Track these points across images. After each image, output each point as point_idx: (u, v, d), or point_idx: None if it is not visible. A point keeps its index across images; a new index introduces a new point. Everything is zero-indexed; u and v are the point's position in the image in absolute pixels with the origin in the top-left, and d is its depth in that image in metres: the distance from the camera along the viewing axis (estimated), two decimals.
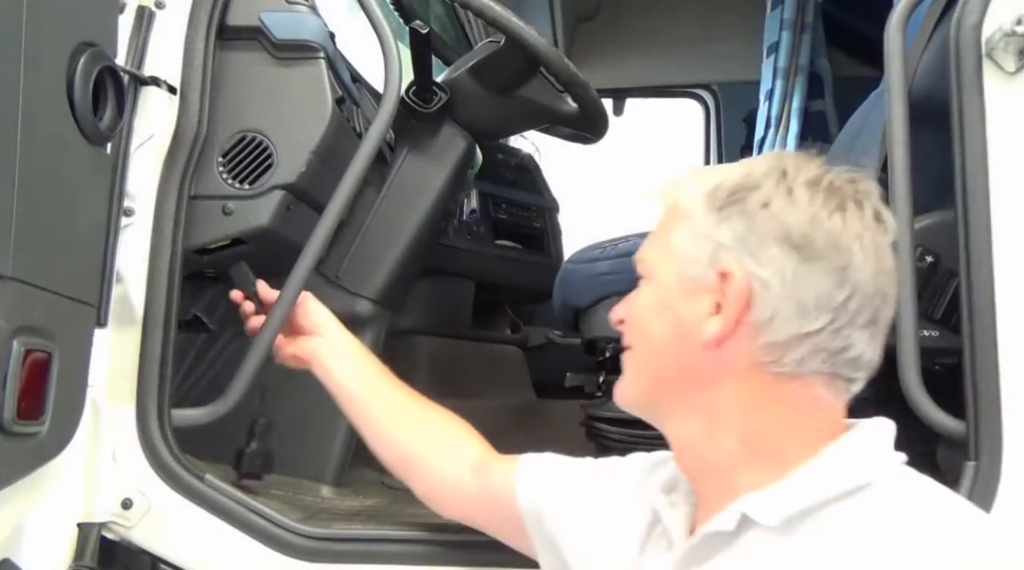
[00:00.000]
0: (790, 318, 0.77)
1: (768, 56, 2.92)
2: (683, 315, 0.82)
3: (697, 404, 0.82)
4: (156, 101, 1.29)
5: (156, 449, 1.29)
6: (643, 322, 0.86)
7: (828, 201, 0.79)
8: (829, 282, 0.77)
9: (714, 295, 0.80)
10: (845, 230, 0.78)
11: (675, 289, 0.83)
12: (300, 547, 1.29)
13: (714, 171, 0.84)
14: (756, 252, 0.78)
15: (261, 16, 1.45)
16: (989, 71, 1.25)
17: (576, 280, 1.96)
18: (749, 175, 0.81)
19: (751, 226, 0.79)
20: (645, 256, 0.88)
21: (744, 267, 0.78)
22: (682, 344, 0.82)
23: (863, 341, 0.79)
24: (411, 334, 2.05)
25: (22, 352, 0.92)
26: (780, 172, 0.80)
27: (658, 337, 0.84)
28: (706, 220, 0.81)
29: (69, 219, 1.03)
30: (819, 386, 0.80)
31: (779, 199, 0.79)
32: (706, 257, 0.80)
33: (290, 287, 1.37)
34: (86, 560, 1.22)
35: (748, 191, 0.80)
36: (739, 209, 0.79)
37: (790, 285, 0.77)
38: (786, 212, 0.78)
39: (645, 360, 0.86)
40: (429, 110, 1.69)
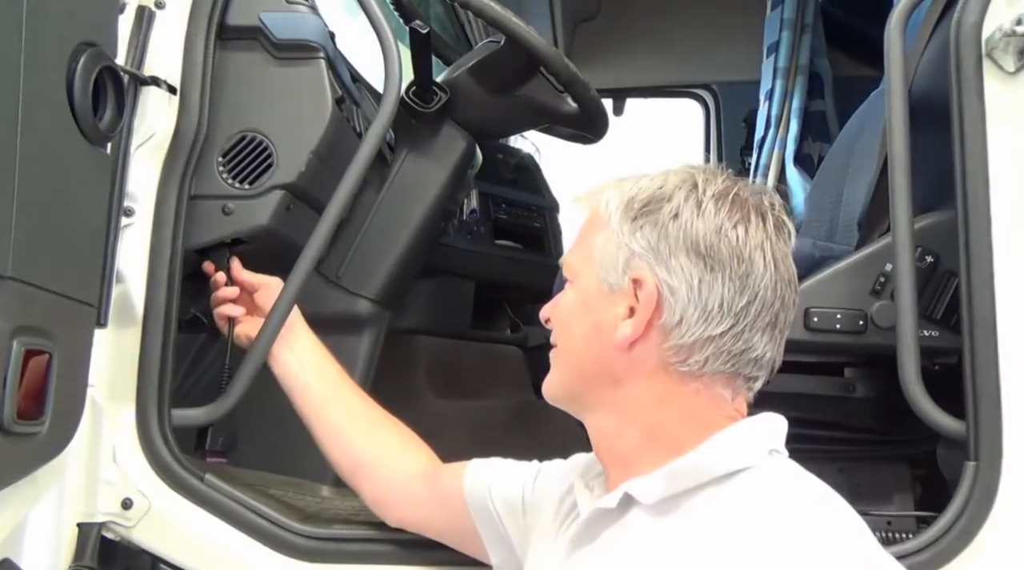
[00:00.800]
0: (696, 322, 0.83)
1: (768, 56, 2.92)
2: (600, 318, 0.88)
3: (610, 400, 0.89)
4: (156, 101, 1.29)
5: (156, 449, 1.29)
6: (566, 323, 0.93)
7: (733, 213, 0.84)
8: (732, 289, 0.83)
9: (628, 300, 0.86)
10: (748, 241, 0.84)
11: (594, 293, 0.89)
12: (300, 547, 1.29)
13: (633, 182, 0.89)
14: (666, 260, 0.84)
15: (261, 16, 1.45)
16: (989, 71, 1.25)
17: None
18: (663, 187, 0.87)
19: (662, 235, 0.84)
20: (569, 260, 0.94)
21: (655, 274, 0.84)
22: (599, 344, 0.88)
23: (763, 343, 0.86)
24: (411, 334, 2.05)
25: (22, 352, 0.92)
26: (691, 185, 0.86)
27: (578, 337, 0.91)
28: (621, 229, 0.87)
29: (69, 219, 1.03)
30: (720, 384, 0.86)
31: (688, 210, 0.84)
32: (621, 264, 0.86)
33: (290, 287, 1.37)
34: (86, 560, 1.22)
35: (661, 202, 0.86)
36: (652, 219, 0.85)
37: (696, 292, 0.83)
38: (694, 223, 0.84)
39: (567, 358, 0.93)
40: (429, 110, 1.69)
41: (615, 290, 0.87)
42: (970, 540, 1.22)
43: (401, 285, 1.77)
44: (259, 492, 1.37)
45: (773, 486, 0.80)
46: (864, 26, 2.85)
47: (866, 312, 1.37)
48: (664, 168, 0.91)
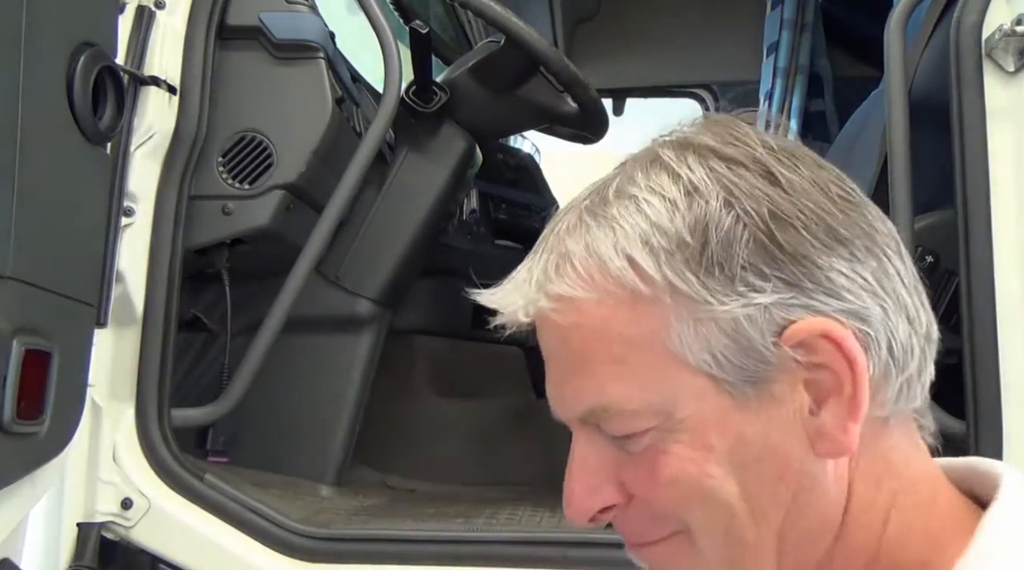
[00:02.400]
0: (907, 333, 0.52)
1: (768, 56, 2.92)
2: (769, 440, 0.51)
3: (818, 552, 0.53)
4: (156, 101, 1.29)
5: (156, 449, 1.29)
6: (707, 492, 0.51)
7: (799, 159, 0.53)
8: (892, 257, 0.53)
9: (797, 378, 0.50)
10: (845, 188, 0.54)
11: (729, 413, 0.50)
12: (300, 547, 1.29)
13: (629, 221, 0.52)
14: (821, 284, 0.50)
15: (261, 16, 1.45)
16: (989, 71, 1.25)
17: None
18: (695, 190, 0.51)
19: (784, 255, 0.50)
20: (628, 405, 0.51)
21: (823, 313, 0.50)
22: (786, 481, 0.51)
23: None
24: (411, 334, 2.05)
25: (22, 352, 0.92)
26: (729, 162, 0.52)
27: (743, 499, 0.51)
28: (715, 291, 0.50)
29: (69, 219, 1.03)
30: (906, 442, 0.54)
31: (775, 194, 0.51)
32: (759, 338, 0.49)
33: (290, 287, 1.37)
34: (86, 560, 1.22)
35: (730, 212, 0.50)
36: (746, 245, 0.50)
37: (883, 294, 0.51)
38: (803, 206, 0.51)
39: (731, 544, 0.52)
40: (429, 110, 1.69)
41: (766, 382, 0.50)
42: None
43: (401, 285, 1.77)
44: (258, 492, 1.37)
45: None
46: (864, 26, 2.85)
47: None
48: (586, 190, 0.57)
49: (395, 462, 1.85)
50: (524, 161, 2.51)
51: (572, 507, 0.56)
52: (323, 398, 1.64)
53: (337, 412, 1.61)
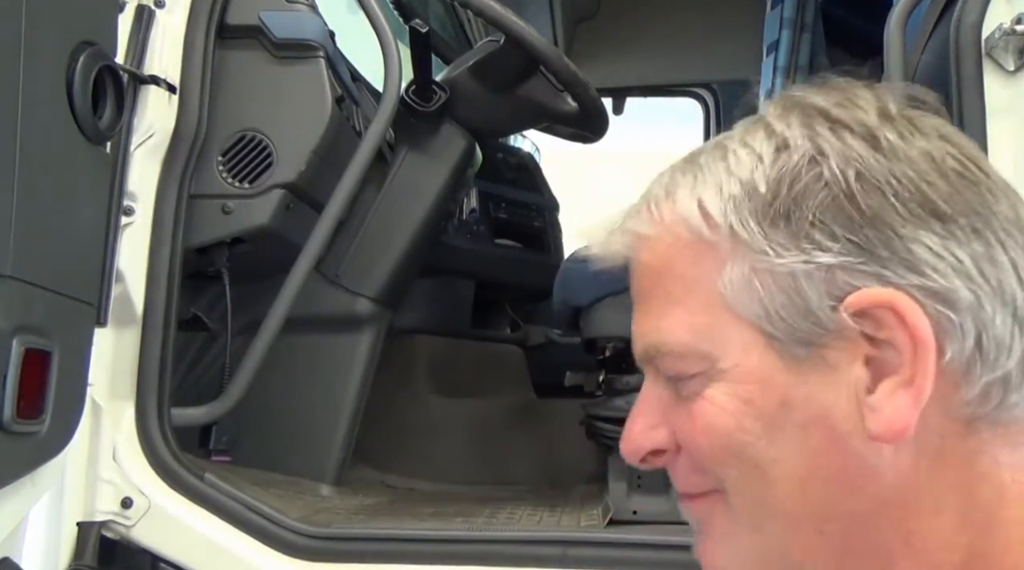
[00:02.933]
0: (1007, 327, 0.47)
1: (768, 55, 2.92)
2: (822, 407, 0.47)
3: (868, 548, 0.48)
4: (156, 100, 1.29)
5: (156, 448, 1.29)
6: (740, 447, 0.49)
7: (920, 124, 0.51)
8: (1014, 246, 0.48)
9: (859, 351, 0.47)
10: (973, 157, 0.52)
11: (776, 372, 0.48)
12: (300, 546, 1.29)
13: (721, 169, 0.51)
14: (899, 253, 0.46)
15: (261, 15, 1.46)
16: (989, 70, 1.25)
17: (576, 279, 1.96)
18: (785, 147, 0.49)
19: (862, 218, 0.46)
20: (675, 345, 0.50)
21: (897, 286, 0.46)
22: (838, 456, 0.47)
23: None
24: (411, 333, 2.05)
25: (22, 351, 0.92)
26: (831, 120, 0.49)
27: (782, 463, 0.48)
28: (776, 243, 0.48)
29: (69, 218, 1.03)
30: (1007, 452, 0.48)
31: (870, 156, 0.48)
32: (816, 299, 0.47)
33: (290, 287, 1.37)
34: (86, 559, 1.22)
35: (813, 167, 0.48)
36: (821, 201, 0.47)
37: (981, 279, 0.46)
38: (898, 172, 0.47)
39: (766, 506, 0.49)
40: (429, 109, 1.69)
41: (821, 347, 0.47)
42: None
43: (401, 284, 1.77)
44: (259, 491, 1.37)
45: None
46: (864, 26, 2.85)
47: None
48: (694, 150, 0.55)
49: (395, 461, 1.85)
50: (524, 160, 2.51)
51: (625, 444, 0.54)
52: (323, 397, 1.64)
53: (337, 411, 1.61)
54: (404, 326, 1.96)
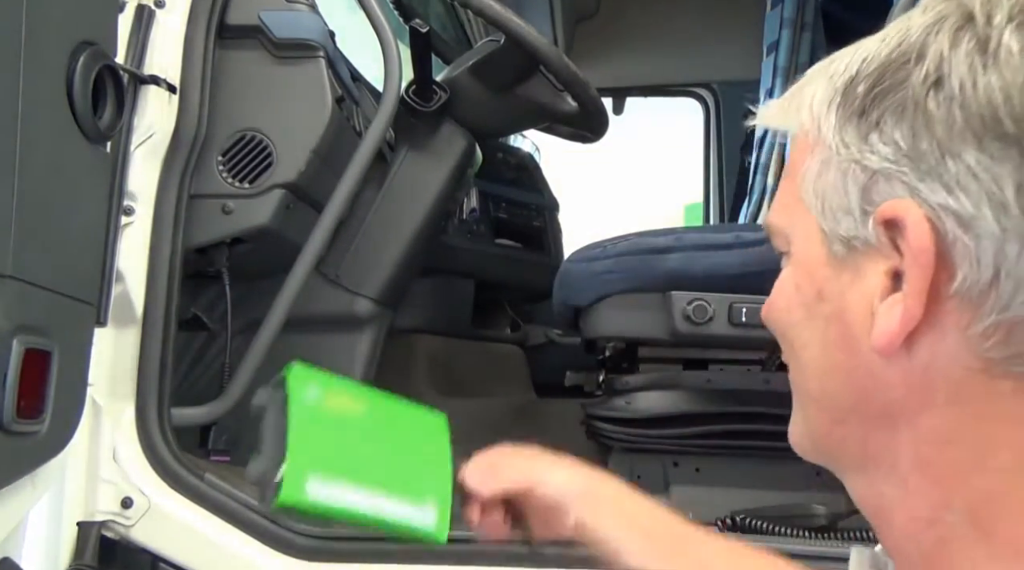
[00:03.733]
0: (1020, 272, 0.42)
1: (768, 55, 2.92)
2: (843, 306, 0.48)
3: (890, 452, 0.48)
4: (156, 100, 1.29)
5: (156, 448, 1.29)
6: (786, 330, 0.53)
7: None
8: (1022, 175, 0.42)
9: (885, 260, 0.46)
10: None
11: (823, 264, 0.49)
12: (300, 546, 1.29)
13: (852, 51, 0.51)
14: (938, 168, 0.44)
15: (261, 15, 1.46)
16: None
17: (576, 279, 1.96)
18: (904, 40, 0.47)
19: (923, 124, 0.45)
20: (772, 222, 0.54)
21: (922, 200, 0.44)
22: (849, 354, 0.49)
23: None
24: (411, 333, 2.05)
25: (22, 351, 0.92)
26: (961, 16, 0.45)
27: (814, 352, 0.51)
28: (842, 137, 0.48)
29: (69, 218, 1.03)
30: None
31: (963, 63, 0.44)
32: (856, 198, 0.47)
33: (290, 286, 1.37)
34: (86, 559, 1.22)
35: (907, 67, 0.46)
36: (897, 101, 0.46)
37: (1017, 211, 0.42)
38: (979, 82, 0.43)
39: (805, 385, 0.53)
40: (429, 109, 1.69)
41: (855, 249, 0.47)
42: None
43: (401, 284, 1.77)
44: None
45: None
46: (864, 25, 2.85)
47: None
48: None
49: None
50: (524, 160, 2.51)
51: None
52: None
53: None
54: (404, 326, 1.96)
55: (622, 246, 1.80)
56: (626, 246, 1.72)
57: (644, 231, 1.75)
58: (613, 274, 1.69)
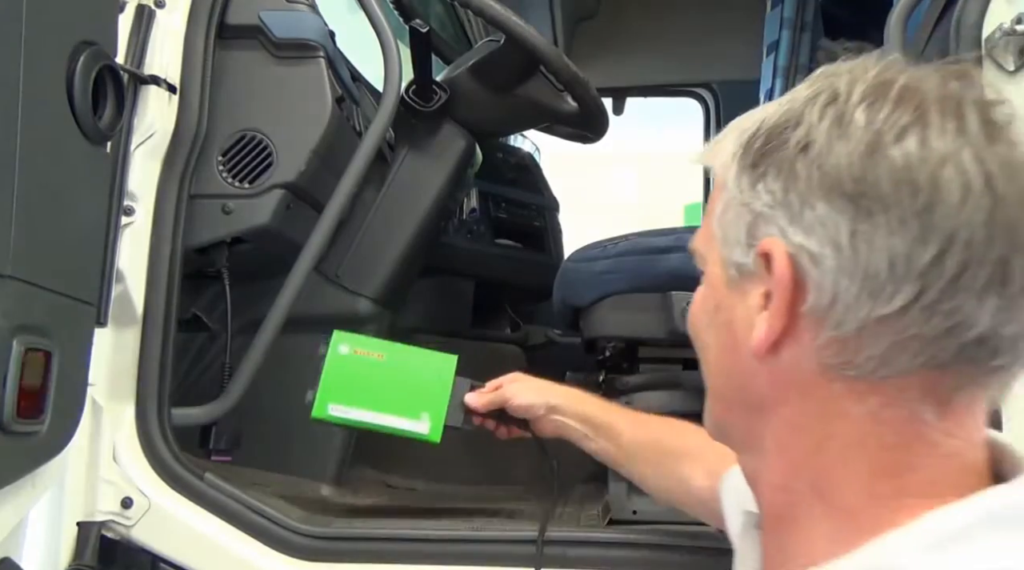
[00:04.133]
0: (857, 298, 0.54)
1: (768, 55, 2.92)
2: (731, 317, 0.61)
3: (758, 435, 0.61)
4: (156, 100, 1.29)
5: (156, 448, 1.29)
6: (698, 333, 0.67)
7: (897, 115, 0.54)
8: (906, 237, 0.52)
9: (763, 284, 0.58)
10: (926, 155, 0.53)
11: (722, 284, 0.62)
12: (300, 546, 1.29)
13: (759, 112, 0.62)
14: (799, 215, 0.55)
15: (261, 15, 1.46)
16: (989, 70, 1.25)
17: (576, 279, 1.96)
18: (791, 108, 0.59)
19: (790, 180, 0.56)
20: (696, 246, 0.67)
21: (787, 239, 0.56)
22: (736, 358, 0.61)
23: (988, 312, 0.52)
24: (411, 333, 2.05)
25: (22, 351, 0.92)
26: (830, 94, 0.57)
27: (714, 352, 0.65)
28: (740, 185, 0.60)
29: (69, 218, 1.03)
30: (915, 398, 0.55)
31: (824, 133, 0.55)
32: (744, 235, 0.59)
33: (290, 286, 1.37)
34: (86, 559, 1.22)
35: (787, 131, 0.58)
36: (776, 159, 0.57)
37: (848, 252, 0.53)
38: (833, 149, 0.55)
39: (707, 379, 0.67)
40: (429, 109, 1.69)
41: (744, 274, 0.59)
42: None
43: (401, 284, 1.77)
44: (259, 491, 1.37)
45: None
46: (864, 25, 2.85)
47: None
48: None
49: (395, 461, 1.85)
50: (524, 160, 2.51)
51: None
52: None
53: None
54: (404, 326, 1.96)
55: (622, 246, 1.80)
56: (626, 246, 1.72)
57: (644, 231, 1.75)
58: (613, 274, 1.69)
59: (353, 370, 1.26)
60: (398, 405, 1.26)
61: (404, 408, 1.26)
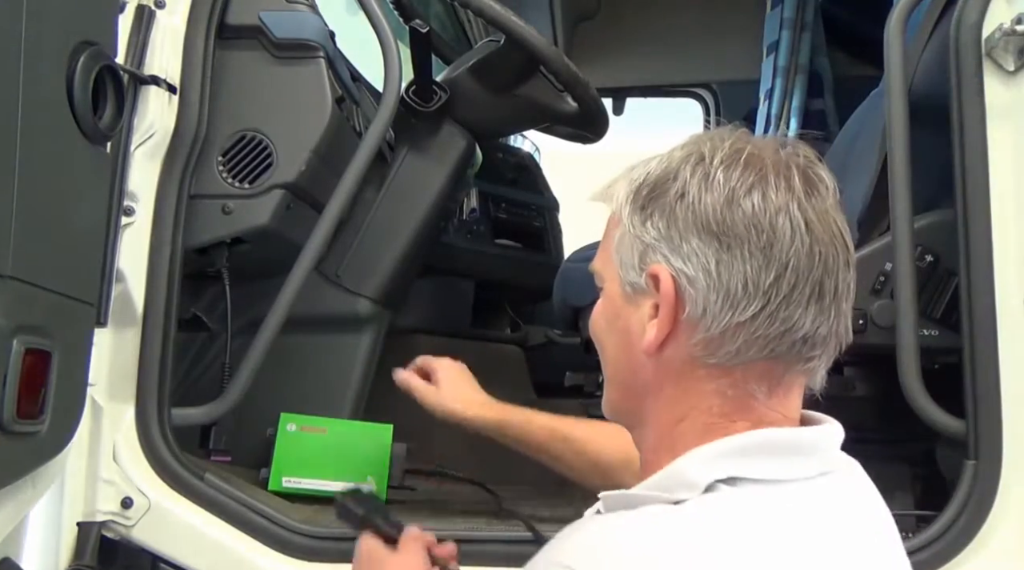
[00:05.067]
0: (721, 310, 0.74)
1: (768, 55, 2.92)
2: (628, 324, 0.80)
3: (644, 413, 0.81)
4: (156, 100, 1.29)
5: (156, 448, 1.29)
6: (599, 336, 0.86)
7: (746, 177, 0.75)
8: (755, 265, 0.74)
9: (652, 299, 0.77)
10: (766, 206, 0.74)
11: (619, 298, 0.81)
12: (300, 546, 1.29)
13: (642, 166, 0.82)
14: (679, 247, 0.76)
15: (261, 15, 1.46)
16: (989, 70, 1.25)
17: (576, 279, 1.96)
18: (668, 166, 0.79)
19: (672, 221, 0.76)
20: (595, 266, 0.86)
21: (670, 265, 0.76)
22: (630, 354, 0.80)
23: (809, 318, 0.75)
24: (411, 333, 2.05)
25: (22, 351, 0.92)
26: (698, 156, 0.78)
27: (612, 349, 0.83)
28: (632, 222, 0.79)
29: (69, 218, 1.03)
30: (755, 377, 0.76)
31: (695, 186, 0.76)
32: (637, 260, 0.78)
33: (290, 286, 1.37)
34: (86, 559, 1.23)
35: (667, 183, 0.78)
36: (660, 205, 0.77)
37: (715, 276, 0.74)
38: (703, 198, 0.75)
39: (608, 373, 0.85)
40: (429, 109, 1.69)
41: (637, 291, 0.79)
42: (970, 539, 1.22)
43: (401, 284, 1.77)
44: (259, 491, 1.37)
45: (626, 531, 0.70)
46: (864, 25, 2.85)
47: (866, 311, 1.37)
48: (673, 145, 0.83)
49: None
50: (524, 160, 2.51)
51: None
52: (323, 397, 1.64)
53: (337, 411, 1.61)
54: (404, 326, 1.96)
55: None
56: None
57: None
58: None
59: (302, 445, 1.43)
60: (345, 473, 1.43)
61: (351, 474, 1.43)
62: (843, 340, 0.79)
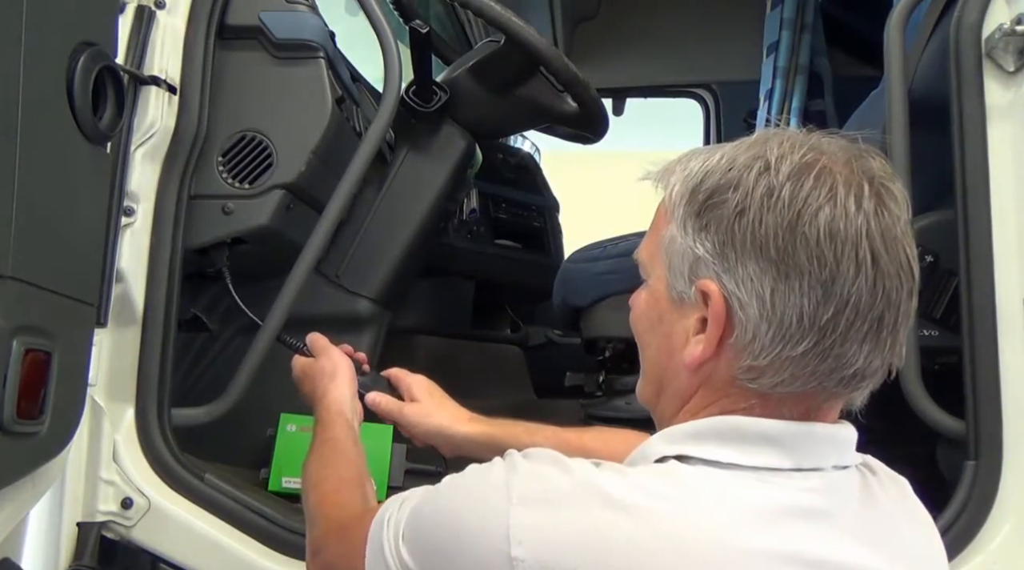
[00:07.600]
0: (772, 342, 0.70)
1: (768, 55, 2.92)
2: (671, 330, 0.77)
3: (674, 413, 0.80)
4: (156, 100, 1.29)
5: (156, 449, 1.29)
6: (640, 330, 0.83)
7: (814, 196, 0.70)
8: (813, 299, 0.69)
9: (699, 311, 0.74)
10: (833, 235, 0.69)
11: (665, 300, 0.78)
12: (300, 547, 1.28)
13: (702, 161, 0.76)
14: (734, 268, 0.71)
15: (261, 15, 1.46)
16: (989, 70, 1.25)
17: (576, 279, 1.96)
18: (732, 169, 0.73)
19: (728, 238, 0.72)
20: (641, 257, 0.82)
21: (722, 285, 0.72)
22: (670, 358, 0.78)
23: (863, 354, 0.71)
24: (411, 333, 2.05)
25: (22, 351, 0.92)
26: (763, 163, 0.72)
27: (652, 348, 0.81)
28: (686, 228, 0.75)
29: (69, 218, 1.03)
30: (788, 405, 0.74)
31: (757, 203, 0.71)
32: (687, 271, 0.75)
33: (290, 287, 1.37)
34: (86, 559, 1.23)
35: (726, 192, 0.72)
36: (717, 216, 0.72)
37: (768, 305, 0.70)
38: (764, 219, 0.70)
39: (645, 367, 0.84)
40: (429, 109, 1.69)
41: (685, 300, 0.75)
42: (970, 539, 1.22)
43: (401, 284, 1.77)
44: (259, 492, 1.37)
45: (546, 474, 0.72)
46: (864, 26, 2.85)
47: None
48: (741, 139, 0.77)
49: None
50: (524, 161, 2.51)
51: None
52: None
53: None
54: (404, 326, 1.96)
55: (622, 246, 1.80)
56: (626, 246, 1.72)
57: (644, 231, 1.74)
58: (613, 274, 1.69)
59: (302, 446, 1.32)
60: None
61: None
62: (895, 366, 0.75)
